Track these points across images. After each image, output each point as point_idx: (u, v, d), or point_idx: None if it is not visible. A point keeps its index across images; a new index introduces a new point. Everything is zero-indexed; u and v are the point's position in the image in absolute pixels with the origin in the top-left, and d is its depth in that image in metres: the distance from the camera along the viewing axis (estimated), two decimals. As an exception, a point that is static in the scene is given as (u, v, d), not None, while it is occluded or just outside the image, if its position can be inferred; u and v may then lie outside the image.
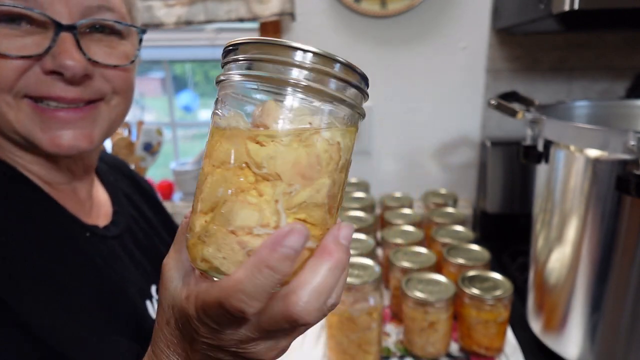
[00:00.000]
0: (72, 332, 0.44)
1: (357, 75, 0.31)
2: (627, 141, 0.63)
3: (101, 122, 0.52)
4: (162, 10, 1.23)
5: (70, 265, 0.48)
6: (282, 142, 0.28)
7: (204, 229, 0.29)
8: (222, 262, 0.28)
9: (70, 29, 0.46)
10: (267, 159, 0.28)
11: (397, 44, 1.28)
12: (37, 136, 0.48)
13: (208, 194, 0.29)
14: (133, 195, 0.70)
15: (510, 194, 1.26)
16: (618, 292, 0.71)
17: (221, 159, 0.29)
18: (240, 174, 0.28)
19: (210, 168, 0.29)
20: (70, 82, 0.47)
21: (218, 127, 0.30)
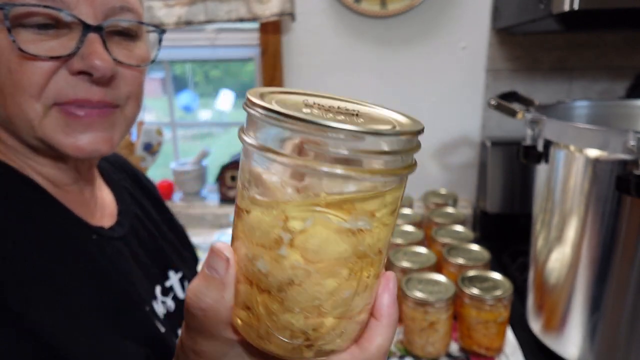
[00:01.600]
0: (76, 335, 0.44)
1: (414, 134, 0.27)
2: (627, 141, 0.63)
3: (119, 127, 0.52)
4: (162, 11, 1.23)
5: (75, 268, 0.48)
6: (383, 224, 0.28)
7: (318, 326, 0.28)
8: (341, 345, 0.30)
9: (97, 29, 0.47)
10: (370, 246, 0.28)
11: (397, 44, 1.28)
12: (60, 141, 0.48)
13: (321, 298, 0.28)
14: (136, 194, 0.69)
15: (510, 194, 1.26)
16: (618, 292, 0.71)
17: (333, 258, 0.27)
18: (362, 267, 0.28)
19: (318, 268, 0.27)
20: (98, 82, 0.48)
21: (342, 227, 0.26)
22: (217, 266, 0.29)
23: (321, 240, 0.26)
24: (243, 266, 0.29)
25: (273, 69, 1.31)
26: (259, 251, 0.27)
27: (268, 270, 0.27)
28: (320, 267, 0.26)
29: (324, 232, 0.26)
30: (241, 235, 0.28)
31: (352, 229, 0.26)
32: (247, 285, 0.29)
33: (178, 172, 1.48)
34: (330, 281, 0.27)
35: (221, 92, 5.27)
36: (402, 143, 0.26)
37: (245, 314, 0.29)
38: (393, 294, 0.31)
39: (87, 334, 0.45)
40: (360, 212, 0.26)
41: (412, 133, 0.26)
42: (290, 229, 0.26)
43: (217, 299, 0.29)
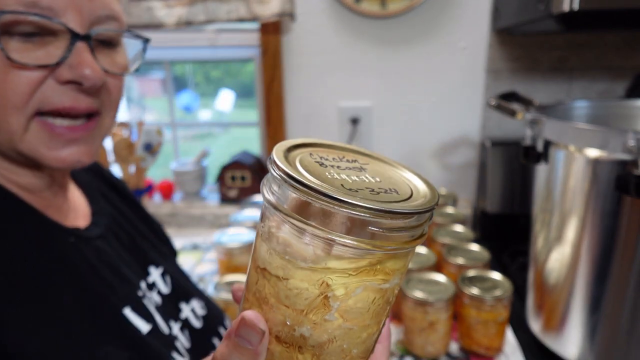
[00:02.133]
0: (54, 344, 0.44)
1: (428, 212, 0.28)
2: (627, 141, 0.63)
3: (99, 138, 0.53)
4: (163, 11, 1.23)
5: (53, 274, 0.47)
6: (402, 276, 0.30)
7: None
8: None
9: (85, 38, 0.46)
10: (393, 294, 0.30)
11: (397, 44, 1.28)
12: (43, 154, 0.48)
13: (357, 348, 0.30)
14: (107, 193, 0.69)
15: (510, 194, 1.26)
16: (618, 292, 0.71)
17: (371, 316, 0.29)
18: (387, 312, 0.31)
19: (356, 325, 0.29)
20: (87, 92, 0.48)
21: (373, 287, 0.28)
22: (250, 338, 0.29)
23: (367, 303, 0.28)
24: (279, 330, 0.29)
25: (273, 69, 1.32)
26: (299, 318, 0.28)
27: (311, 333, 0.28)
28: (358, 322, 0.29)
29: (370, 296, 0.28)
30: (273, 301, 0.29)
31: (389, 289, 0.29)
32: (282, 347, 0.29)
33: (178, 172, 1.49)
34: (365, 333, 0.30)
35: (221, 92, 5.27)
36: (422, 218, 0.27)
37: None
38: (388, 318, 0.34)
39: (66, 342, 0.45)
40: (394, 272, 0.28)
41: (431, 209, 0.27)
42: (338, 297, 0.27)
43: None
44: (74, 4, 0.46)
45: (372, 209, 0.24)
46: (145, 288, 0.59)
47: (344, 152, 0.32)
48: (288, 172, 0.26)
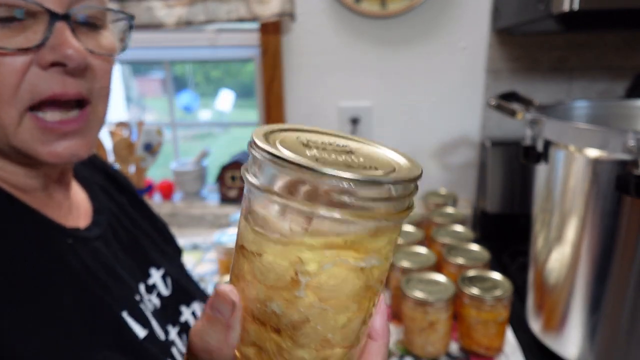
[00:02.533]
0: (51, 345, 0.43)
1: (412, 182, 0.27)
2: (627, 141, 0.63)
3: (94, 129, 0.51)
4: (163, 11, 1.23)
5: (50, 277, 0.47)
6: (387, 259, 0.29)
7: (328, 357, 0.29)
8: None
9: (65, 18, 0.45)
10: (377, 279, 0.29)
11: (397, 44, 1.28)
12: (37, 149, 0.47)
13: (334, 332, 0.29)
14: (111, 190, 0.67)
15: (510, 194, 1.26)
16: (618, 292, 0.71)
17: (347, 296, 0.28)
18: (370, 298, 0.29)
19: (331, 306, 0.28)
20: (72, 74, 0.46)
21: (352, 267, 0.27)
22: (222, 309, 0.29)
23: (339, 281, 0.27)
24: (253, 307, 0.29)
25: (273, 69, 1.32)
26: (272, 293, 0.28)
27: (283, 311, 0.28)
28: (334, 303, 0.28)
29: (342, 273, 0.27)
30: (249, 277, 0.29)
31: (366, 267, 0.27)
32: (257, 325, 0.29)
33: (178, 172, 1.49)
34: (342, 316, 0.28)
35: (221, 92, 5.27)
36: (403, 189, 0.27)
37: (253, 351, 0.29)
38: (385, 314, 0.33)
39: (64, 344, 0.44)
40: (371, 251, 0.27)
41: (413, 179, 0.27)
42: (309, 272, 0.27)
43: (222, 340, 0.29)
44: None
45: (340, 177, 0.24)
46: (144, 291, 0.58)
47: (337, 138, 0.32)
48: (258, 144, 0.26)
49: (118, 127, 1.42)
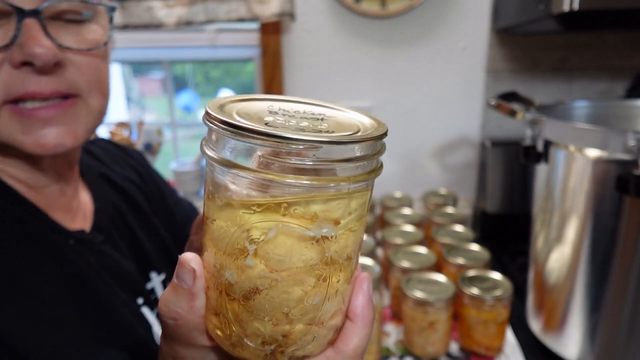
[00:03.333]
0: (51, 344, 0.43)
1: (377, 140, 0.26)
2: (627, 141, 0.63)
3: (83, 119, 0.49)
4: (163, 11, 1.23)
5: (51, 276, 0.47)
6: (350, 231, 0.28)
7: (289, 333, 0.28)
8: (315, 349, 0.30)
9: (34, 14, 0.43)
10: (337, 252, 0.27)
11: (397, 44, 1.28)
12: (19, 139, 0.45)
13: (289, 305, 0.27)
14: (125, 184, 0.66)
15: (510, 194, 1.26)
16: (618, 292, 0.71)
17: (297, 267, 0.27)
18: (331, 273, 0.28)
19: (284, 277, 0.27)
20: (42, 71, 0.44)
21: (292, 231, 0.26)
22: (184, 277, 0.29)
23: (285, 250, 0.26)
24: (213, 274, 0.29)
25: (273, 69, 1.32)
26: (225, 261, 0.27)
27: (235, 279, 0.27)
28: (285, 275, 0.26)
29: (287, 242, 0.26)
30: (209, 244, 0.29)
31: (316, 237, 0.26)
32: (217, 293, 0.29)
33: (178, 172, 1.49)
34: (296, 289, 0.27)
35: (221, 92, 5.27)
36: (365, 149, 0.25)
37: (217, 320, 0.29)
38: (368, 295, 0.32)
39: (63, 343, 0.44)
40: (323, 220, 0.26)
41: (374, 139, 0.25)
42: (254, 239, 0.26)
43: (187, 308, 0.30)
44: None
45: (282, 137, 0.23)
46: (145, 294, 0.58)
47: (316, 107, 0.31)
48: (210, 112, 0.26)
49: (118, 127, 1.42)
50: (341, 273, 0.28)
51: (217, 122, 0.25)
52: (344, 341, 0.31)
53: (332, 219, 0.26)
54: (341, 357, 0.31)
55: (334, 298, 0.29)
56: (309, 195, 0.25)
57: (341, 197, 0.26)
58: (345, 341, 0.31)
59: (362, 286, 0.32)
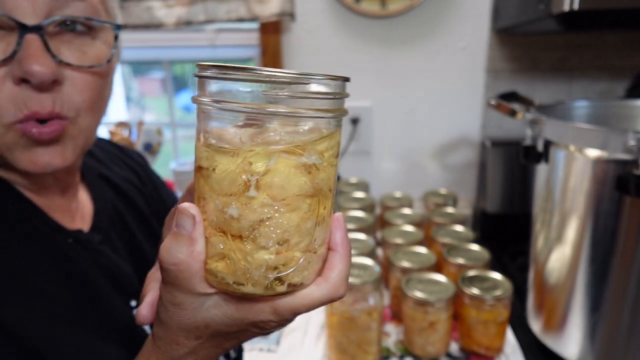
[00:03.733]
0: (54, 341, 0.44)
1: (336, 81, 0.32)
2: (627, 141, 0.63)
3: (73, 140, 0.49)
4: (162, 11, 1.23)
5: (51, 272, 0.47)
6: (330, 165, 0.32)
7: (288, 260, 0.32)
8: (309, 277, 0.34)
9: (35, 29, 0.43)
10: (323, 181, 0.32)
11: (397, 44, 1.28)
12: (16, 157, 0.46)
13: (290, 231, 0.31)
14: (125, 184, 0.66)
15: (510, 194, 1.26)
16: (618, 292, 0.71)
17: (296, 193, 0.31)
18: (319, 201, 0.32)
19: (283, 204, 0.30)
20: (39, 89, 0.44)
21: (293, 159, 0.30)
22: (184, 223, 0.32)
23: (284, 177, 0.30)
24: (214, 219, 0.31)
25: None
26: (228, 199, 0.30)
27: (239, 214, 0.30)
28: (285, 202, 0.30)
29: (285, 169, 0.30)
30: (208, 192, 0.31)
31: (308, 164, 0.30)
32: (220, 236, 0.31)
33: (178, 172, 1.48)
34: (294, 214, 0.31)
35: (221, 92, 5.25)
36: (332, 86, 0.31)
37: (222, 264, 0.32)
38: (344, 228, 0.36)
39: (67, 338, 0.44)
40: (311, 150, 0.30)
41: (340, 78, 0.31)
42: (255, 170, 0.29)
43: (187, 253, 0.32)
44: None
45: (278, 74, 0.28)
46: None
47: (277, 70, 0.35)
48: (204, 64, 0.30)
49: (118, 127, 1.42)
50: (326, 202, 0.32)
51: (214, 69, 0.29)
52: (330, 267, 0.35)
53: (318, 150, 0.31)
54: (330, 282, 0.34)
55: (322, 225, 0.33)
56: (305, 131, 0.30)
57: (322, 132, 0.31)
58: (331, 267, 0.35)
59: (340, 221, 0.36)
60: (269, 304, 0.33)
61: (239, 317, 0.34)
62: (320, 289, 0.34)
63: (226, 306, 0.34)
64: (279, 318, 0.34)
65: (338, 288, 0.34)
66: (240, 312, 0.34)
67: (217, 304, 0.34)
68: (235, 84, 0.29)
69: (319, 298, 0.34)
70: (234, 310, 0.34)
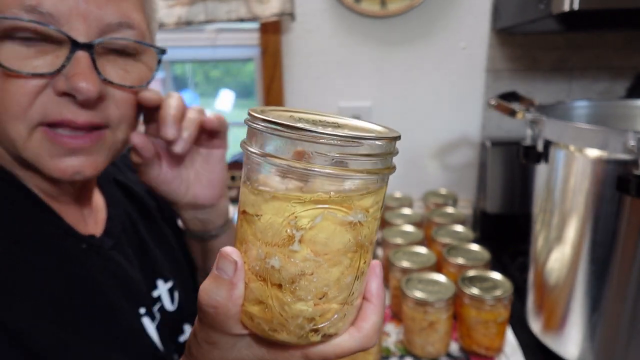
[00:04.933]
0: (65, 345, 0.44)
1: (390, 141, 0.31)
2: (627, 141, 0.63)
3: (107, 150, 0.50)
4: (163, 11, 1.23)
5: (62, 278, 0.47)
6: (374, 219, 0.32)
7: (325, 313, 0.32)
8: (343, 328, 0.34)
9: (87, 47, 0.44)
10: (366, 237, 0.32)
11: (397, 44, 1.28)
12: (44, 162, 0.46)
13: (329, 285, 0.31)
14: (138, 189, 0.67)
15: (510, 194, 1.26)
16: (618, 292, 0.71)
17: (339, 249, 0.31)
18: (360, 255, 0.32)
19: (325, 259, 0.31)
20: (82, 105, 0.45)
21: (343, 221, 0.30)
22: (226, 268, 0.32)
23: (329, 233, 0.30)
24: (255, 266, 0.32)
25: (273, 69, 1.31)
26: (271, 250, 0.30)
27: (281, 265, 0.30)
28: (327, 257, 0.30)
29: (330, 226, 0.30)
30: (251, 238, 0.32)
31: (353, 222, 0.30)
32: (259, 283, 0.32)
33: (178, 172, 1.48)
34: (335, 269, 0.31)
35: (221, 92, 5.26)
36: (383, 147, 0.30)
37: (258, 308, 0.32)
38: (381, 278, 0.36)
39: (74, 344, 0.45)
40: (358, 208, 0.30)
41: (391, 138, 0.30)
42: (301, 226, 0.30)
43: (227, 297, 0.32)
44: (78, 11, 0.43)
45: (330, 134, 0.28)
46: (149, 302, 0.58)
47: (326, 116, 0.34)
48: (256, 115, 0.29)
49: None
50: (367, 255, 0.33)
51: (264, 123, 0.29)
52: (364, 319, 0.35)
53: (364, 207, 0.31)
54: (362, 333, 0.34)
55: (361, 278, 0.33)
56: (352, 186, 0.30)
57: (369, 189, 0.31)
58: (365, 319, 0.35)
59: (376, 271, 0.36)
60: (300, 350, 0.34)
61: (270, 359, 0.35)
62: (352, 339, 0.34)
63: (258, 348, 0.35)
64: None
65: (370, 339, 0.35)
66: (271, 355, 0.35)
67: (249, 344, 0.35)
68: (283, 139, 0.29)
69: (350, 348, 0.34)
70: (265, 352, 0.35)
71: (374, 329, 0.35)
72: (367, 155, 0.29)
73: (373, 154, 0.30)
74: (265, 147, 0.30)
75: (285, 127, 0.28)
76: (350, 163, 0.29)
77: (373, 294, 0.35)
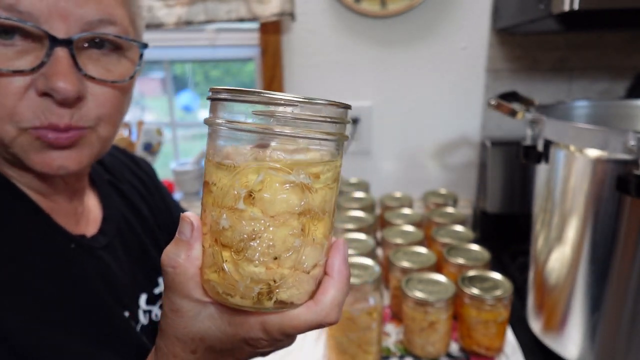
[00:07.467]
0: (54, 346, 0.44)
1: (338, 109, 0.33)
2: (627, 141, 0.63)
3: (90, 147, 0.50)
4: (162, 11, 1.23)
5: (51, 277, 0.47)
6: (328, 188, 0.33)
7: (276, 276, 0.33)
8: (298, 296, 0.34)
9: (66, 43, 0.44)
10: (315, 202, 0.33)
11: (397, 44, 1.28)
12: (31, 158, 0.47)
13: (276, 246, 0.32)
14: (131, 192, 0.67)
15: (510, 194, 1.26)
16: (618, 292, 0.71)
17: (283, 209, 0.32)
18: (309, 220, 0.33)
19: (271, 220, 0.32)
20: (62, 104, 0.45)
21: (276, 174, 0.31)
22: (184, 230, 0.34)
23: (272, 192, 0.31)
24: (211, 229, 0.33)
25: (273, 69, 1.31)
26: (222, 211, 0.32)
27: (229, 224, 0.32)
28: (273, 218, 0.31)
29: (273, 185, 0.31)
30: (210, 203, 0.33)
31: (296, 182, 0.32)
32: (216, 247, 0.33)
33: (178, 172, 1.48)
34: (281, 230, 0.32)
35: (221, 92, 5.25)
36: (334, 112, 0.32)
37: (215, 275, 0.33)
38: (344, 254, 0.36)
39: (63, 344, 0.44)
40: (299, 170, 0.32)
41: (341, 104, 0.33)
42: (244, 183, 0.31)
43: (185, 257, 0.34)
44: (57, 10, 0.43)
45: (284, 97, 0.30)
46: (144, 303, 0.58)
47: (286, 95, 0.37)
48: (217, 88, 0.32)
49: (118, 127, 1.42)
50: (319, 223, 0.33)
51: (225, 93, 0.31)
52: (323, 292, 0.35)
53: (312, 172, 0.32)
54: (320, 306, 0.34)
55: (313, 246, 0.33)
56: (296, 154, 0.32)
57: (322, 157, 0.33)
58: (324, 292, 0.35)
59: (339, 247, 0.36)
60: (258, 320, 0.34)
61: (231, 332, 0.35)
62: (309, 311, 0.34)
63: (220, 320, 0.35)
64: (268, 337, 0.35)
65: (328, 313, 0.34)
66: (232, 327, 0.35)
67: (211, 315, 0.35)
68: (242, 105, 0.31)
69: (306, 320, 0.34)
70: (227, 324, 0.35)
71: (332, 302, 0.35)
72: (320, 118, 0.31)
73: (326, 117, 0.32)
74: (225, 115, 0.32)
75: (244, 92, 0.30)
76: (304, 126, 0.31)
77: (334, 269, 0.35)
